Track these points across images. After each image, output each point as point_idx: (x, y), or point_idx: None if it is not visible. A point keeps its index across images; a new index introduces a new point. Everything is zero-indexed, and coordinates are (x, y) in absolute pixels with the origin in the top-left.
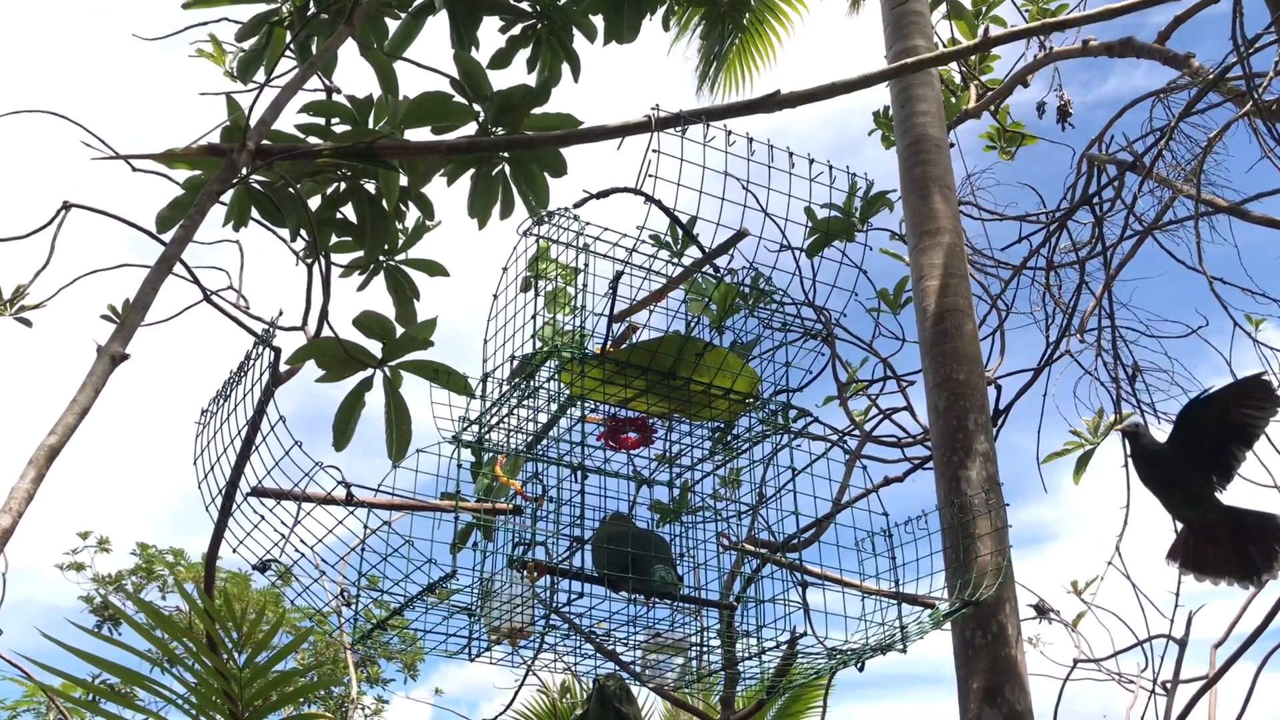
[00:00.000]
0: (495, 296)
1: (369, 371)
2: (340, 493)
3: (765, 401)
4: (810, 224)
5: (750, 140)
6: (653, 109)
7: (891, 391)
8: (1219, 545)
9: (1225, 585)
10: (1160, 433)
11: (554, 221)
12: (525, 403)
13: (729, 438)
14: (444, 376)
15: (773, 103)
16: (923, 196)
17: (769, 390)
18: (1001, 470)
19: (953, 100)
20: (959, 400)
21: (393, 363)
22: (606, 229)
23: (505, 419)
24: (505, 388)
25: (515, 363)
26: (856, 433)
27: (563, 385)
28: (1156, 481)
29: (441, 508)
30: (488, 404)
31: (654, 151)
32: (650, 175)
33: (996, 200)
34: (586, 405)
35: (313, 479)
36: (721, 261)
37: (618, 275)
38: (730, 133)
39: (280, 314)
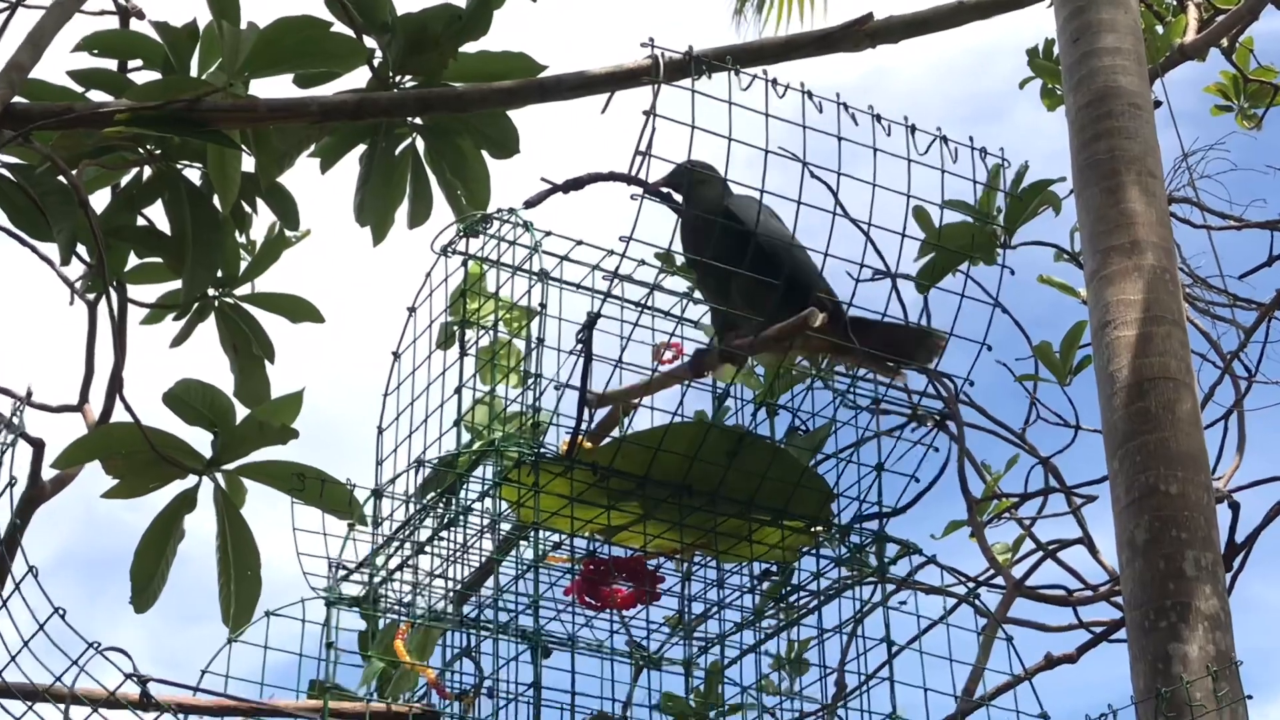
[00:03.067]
0: (397, 356)
1: (191, 481)
2: (132, 690)
3: (843, 530)
4: (920, 235)
5: (810, 97)
6: (647, 44)
7: (1057, 513)
8: None
9: None
10: None
11: (495, 231)
12: (445, 534)
13: (785, 591)
14: (313, 489)
15: (858, 34)
16: (1109, 190)
17: (849, 512)
18: (1241, 642)
19: (1158, 29)
20: (1169, 528)
21: (229, 465)
22: (580, 242)
23: (412, 560)
24: (412, 508)
25: (428, 468)
26: (998, 582)
27: (505, 505)
28: None
29: (304, 712)
30: (384, 535)
31: (654, 115)
32: (650, 155)
33: (1231, 196)
34: (546, 538)
35: (85, 669)
36: None
37: (592, 318)
38: (779, 84)
39: (32, 391)
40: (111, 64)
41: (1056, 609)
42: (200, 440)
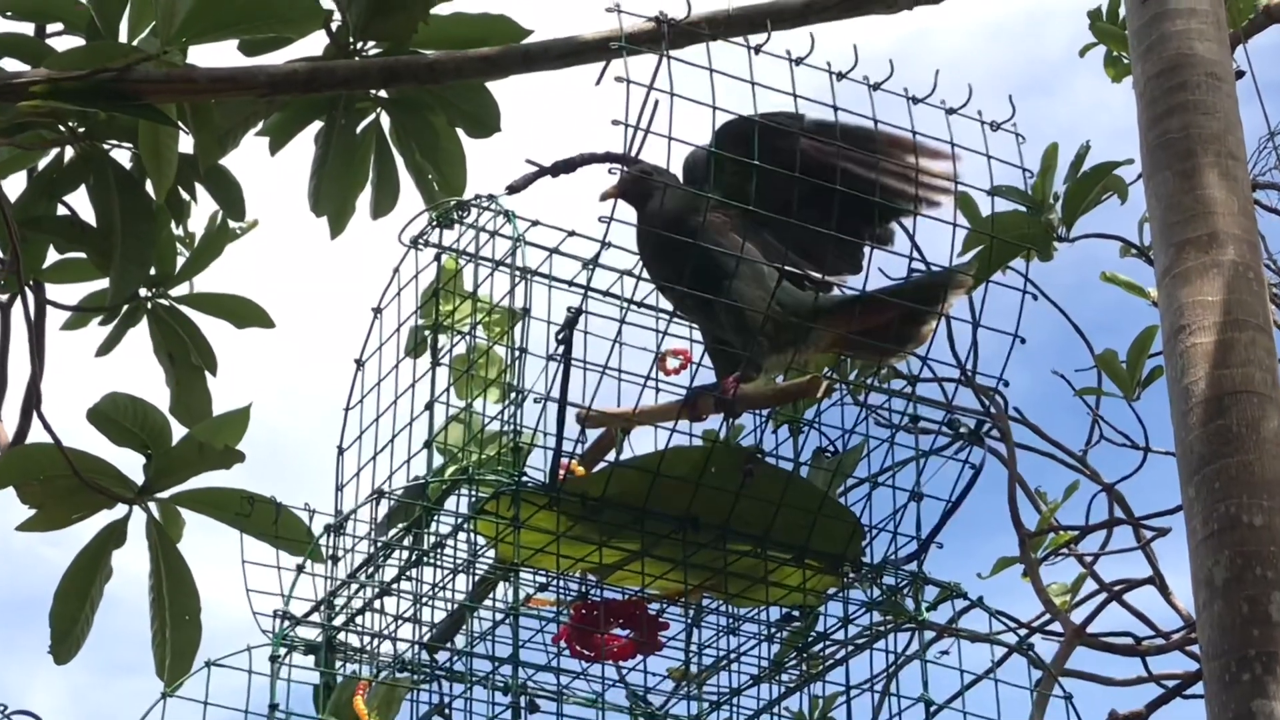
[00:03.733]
0: (360, 364)
1: (120, 511)
2: None
3: (874, 570)
4: (965, 225)
5: (833, 74)
6: (613, 8)
7: (1124, 548)
8: None
9: None
10: None
11: (472, 221)
12: (413, 572)
13: (807, 640)
14: (264, 515)
15: None
16: (1183, 174)
17: (882, 548)
18: None
19: None
20: (1253, 565)
21: (164, 493)
22: (571, 233)
23: (375, 602)
24: (376, 544)
25: (394, 497)
26: (1055, 628)
27: (482, 540)
28: None
29: None
30: (343, 574)
31: (656, 92)
32: (652, 132)
33: None
34: (530, 578)
35: None
36: None
37: (572, 317)
38: (792, 59)
39: None
40: (28, 28)
41: (1122, 659)
42: (131, 464)
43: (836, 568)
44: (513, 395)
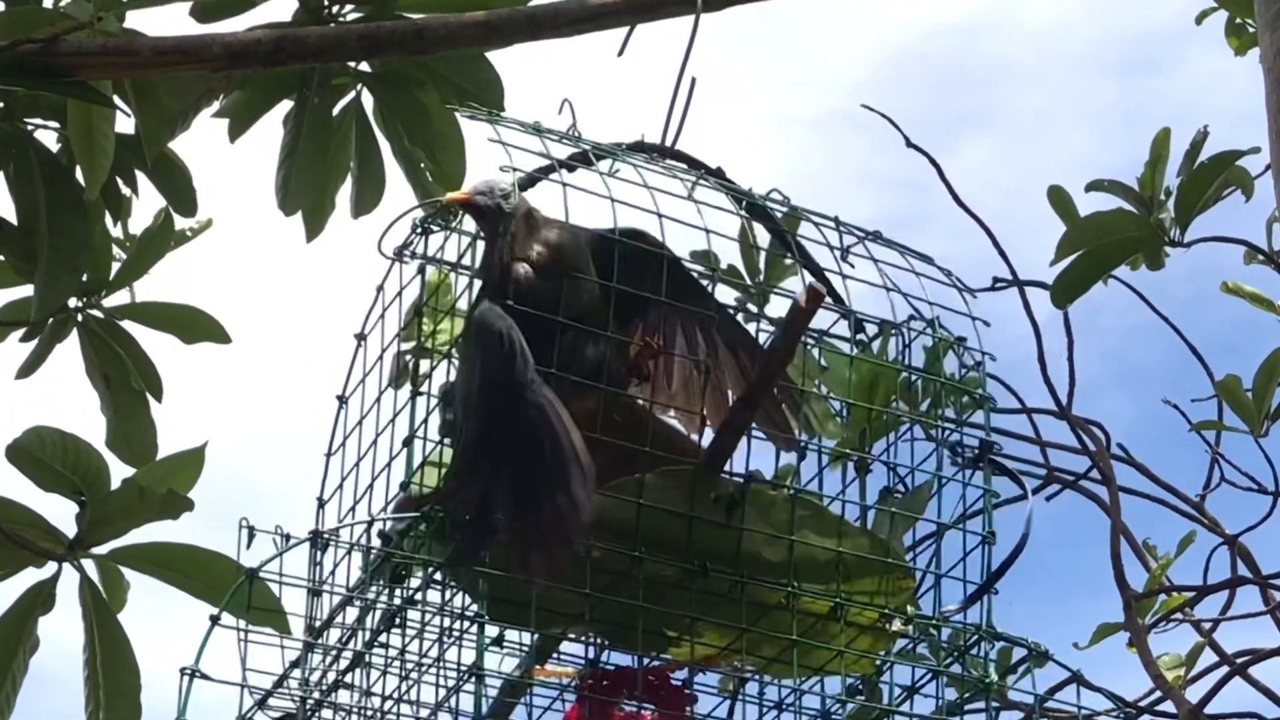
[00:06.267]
0: (343, 401)
1: (48, 569)
2: None
3: (935, 625)
4: (1061, 226)
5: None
6: None
7: (1249, 612)
8: None
9: None
10: None
11: (458, 225)
12: (400, 628)
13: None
14: (207, 574)
15: None
16: None
17: (944, 600)
18: None
19: None
20: None
21: (101, 548)
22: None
23: (358, 671)
24: (365, 599)
25: (377, 547)
26: (1167, 708)
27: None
28: None
29: None
30: (320, 641)
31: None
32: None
33: None
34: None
35: None
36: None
37: None
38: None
39: None
40: None
41: None
42: (61, 513)
43: (887, 625)
44: None
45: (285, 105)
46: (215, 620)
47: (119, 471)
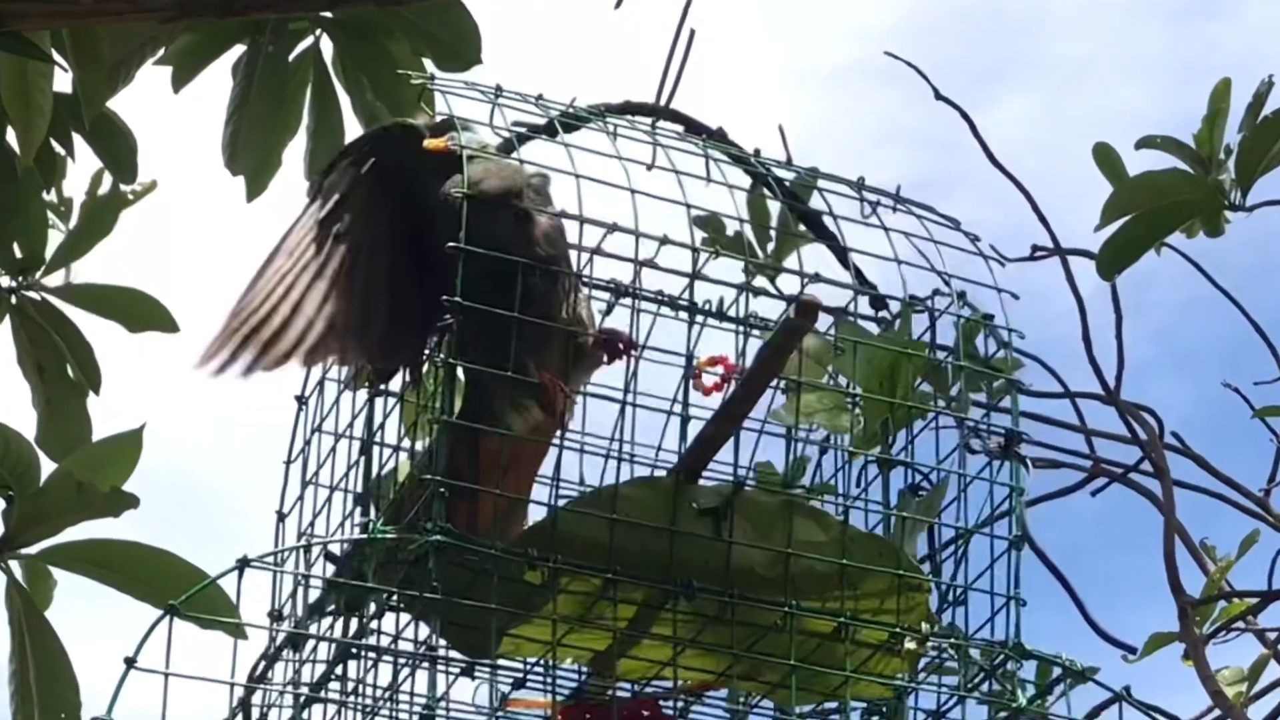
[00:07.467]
0: (302, 401)
1: None
2: None
3: (963, 646)
4: (1109, 188)
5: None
6: None
7: None
8: None
9: None
10: None
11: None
12: (350, 667)
13: None
14: (151, 574)
15: None
16: None
17: (972, 614)
18: None
19: None
20: None
21: (31, 548)
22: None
23: (302, 713)
24: (317, 622)
25: (334, 561)
26: None
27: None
28: None
29: None
30: (270, 666)
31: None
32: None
33: None
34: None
35: None
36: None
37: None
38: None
39: None
40: None
41: None
42: None
43: (897, 638)
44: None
45: (236, 51)
46: (173, 611)
47: (50, 470)
